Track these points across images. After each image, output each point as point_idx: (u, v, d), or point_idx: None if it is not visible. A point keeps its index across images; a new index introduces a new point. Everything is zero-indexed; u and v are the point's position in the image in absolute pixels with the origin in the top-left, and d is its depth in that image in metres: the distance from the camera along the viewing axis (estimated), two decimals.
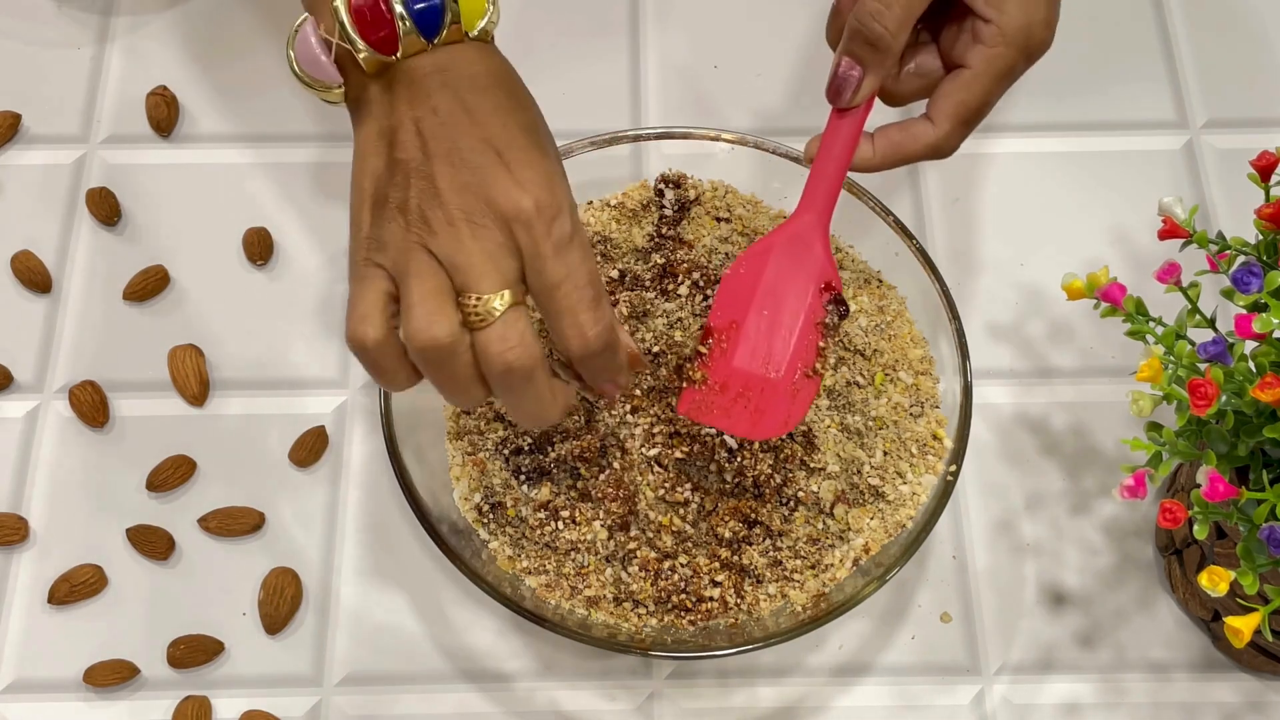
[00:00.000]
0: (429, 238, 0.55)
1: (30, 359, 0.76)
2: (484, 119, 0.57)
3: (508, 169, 0.56)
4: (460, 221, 0.55)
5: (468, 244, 0.55)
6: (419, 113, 0.57)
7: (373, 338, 0.55)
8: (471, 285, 0.54)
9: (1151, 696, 0.69)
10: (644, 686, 0.69)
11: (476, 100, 0.57)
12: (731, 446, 0.65)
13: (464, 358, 0.55)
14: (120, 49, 0.86)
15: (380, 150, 0.57)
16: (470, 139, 0.56)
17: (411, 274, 0.55)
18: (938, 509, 0.65)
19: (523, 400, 0.56)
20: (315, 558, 0.71)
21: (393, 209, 0.56)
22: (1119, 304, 0.60)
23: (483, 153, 0.56)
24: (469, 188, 0.55)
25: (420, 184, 0.56)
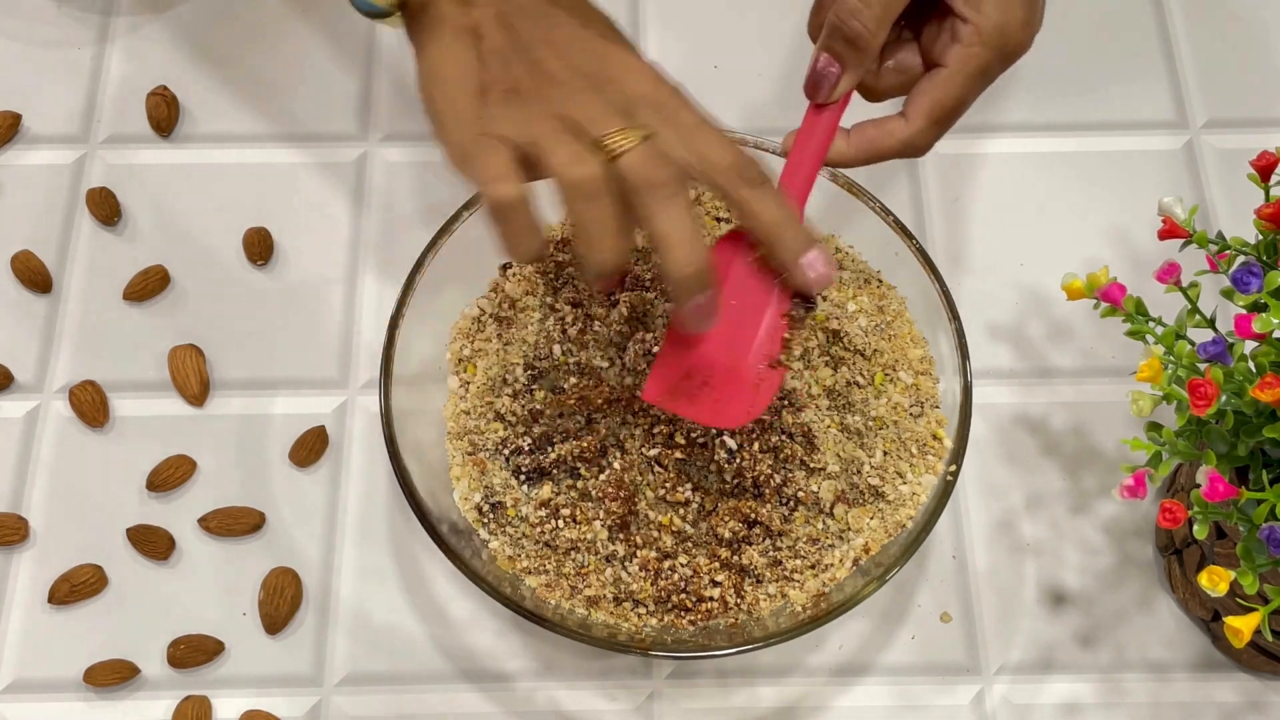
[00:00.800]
0: (556, 108, 0.57)
1: (30, 359, 0.76)
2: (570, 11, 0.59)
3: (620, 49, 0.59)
4: (584, 90, 0.57)
5: (596, 104, 0.57)
6: (502, 7, 0.59)
7: (513, 194, 0.56)
8: (604, 128, 0.56)
9: (1151, 696, 0.69)
10: (644, 686, 0.69)
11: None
12: (731, 447, 0.65)
13: (612, 194, 0.56)
14: (120, 49, 0.86)
15: (465, 44, 0.59)
16: (567, 29, 0.59)
17: (548, 134, 0.56)
18: (938, 509, 0.65)
19: (671, 216, 0.56)
20: (315, 558, 0.72)
21: (501, 92, 0.58)
22: (1119, 304, 0.60)
23: (585, 39, 0.59)
24: (583, 68, 0.58)
25: (528, 69, 0.58)
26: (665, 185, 0.56)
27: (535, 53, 0.58)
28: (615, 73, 0.58)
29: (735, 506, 0.65)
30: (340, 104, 0.84)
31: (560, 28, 0.59)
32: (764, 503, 0.65)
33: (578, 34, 0.59)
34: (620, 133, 0.56)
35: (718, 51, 0.86)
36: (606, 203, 0.56)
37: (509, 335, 0.71)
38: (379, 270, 0.79)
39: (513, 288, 0.72)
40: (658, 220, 0.56)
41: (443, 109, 0.59)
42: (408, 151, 0.83)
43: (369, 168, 0.82)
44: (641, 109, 0.57)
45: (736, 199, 0.57)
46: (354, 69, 0.85)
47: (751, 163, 0.58)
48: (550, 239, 0.72)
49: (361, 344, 0.77)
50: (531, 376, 0.69)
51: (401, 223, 0.80)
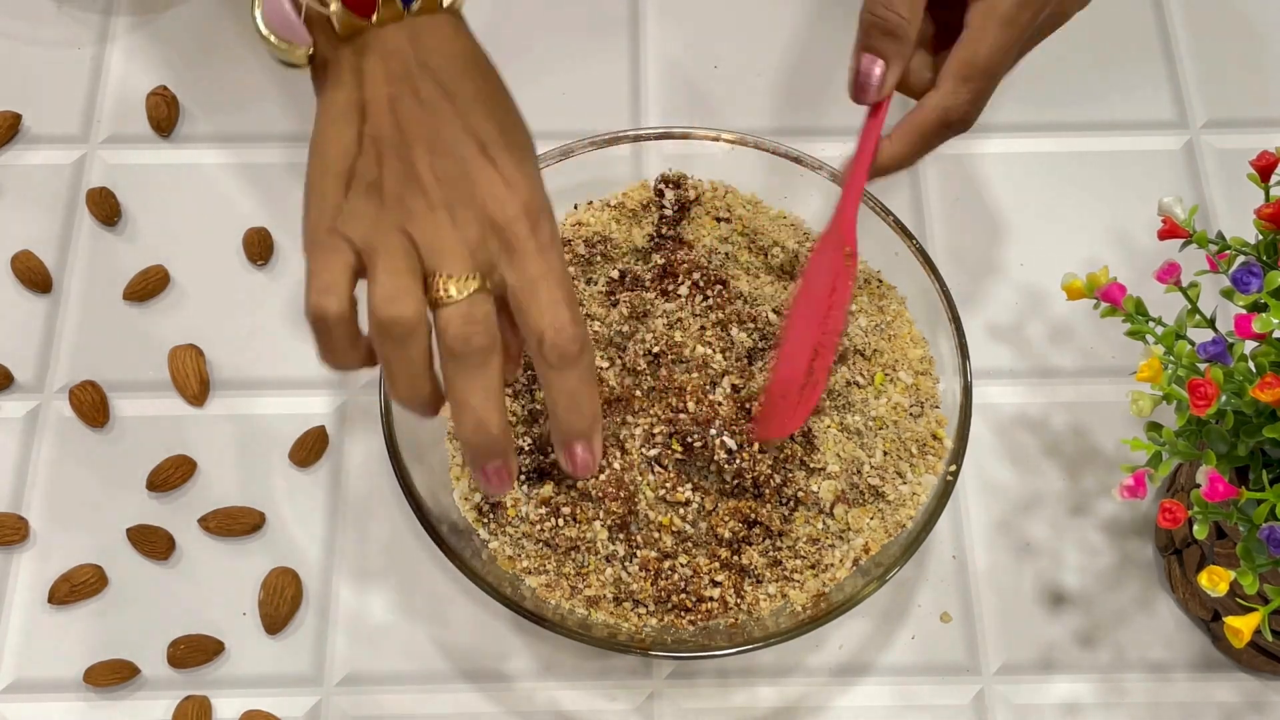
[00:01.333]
0: (406, 220, 0.54)
1: (30, 359, 0.76)
2: (465, 107, 0.56)
3: (493, 165, 0.55)
4: (440, 208, 0.54)
5: (445, 231, 0.54)
6: (396, 91, 0.56)
7: (335, 310, 0.54)
8: (444, 267, 0.54)
9: (1151, 696, 0.69)
10: (644, 686, 0.69)
11: (457, 85, 0.56)
12: (731, 447, 0.65)
13: (423, 340, 0.54)
14: (120, 49, 0.86)
15: (351, 122, 0.56)
16: (452, 128, 0.56)
17: (384, 251, 0.54)
18: (938, 509, 0.65)
19: (472, 387, 0.55)
20: (315, 558, 0.72)
21: (364, 186, 0.55)
22: (1119, 304, 0.60)
23: (465, 144, 0.55)
24: (451, 178, 0.55)
25: (397, 166, 0.55)
26: (475, 354, 0.54)
27: (410, 152, 0.55)
28: (479, 194, 0.55)
29: (735, 506, 0.65)
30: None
31: (445, 127, 0.56)
32: (764, 503, 0.65)
33: (458, 139, 0.56)
34: (453, 281, 0.54)
35: (718, 51, 0.86)
36: (415, 345, 0.54)
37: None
38: None
39: None
40: (455, 385, 0.55)
41: (311, 186, 0.57)
42: None
43: None
44: (490, 239, 0.55)
45: (537, 368, 0.56)
46: None
47: (565, 338, 0.55)
48: None
49: None
50: (531, 377, 0.69)
51: None
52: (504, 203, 0.55)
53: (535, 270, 0.55)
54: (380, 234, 0.54)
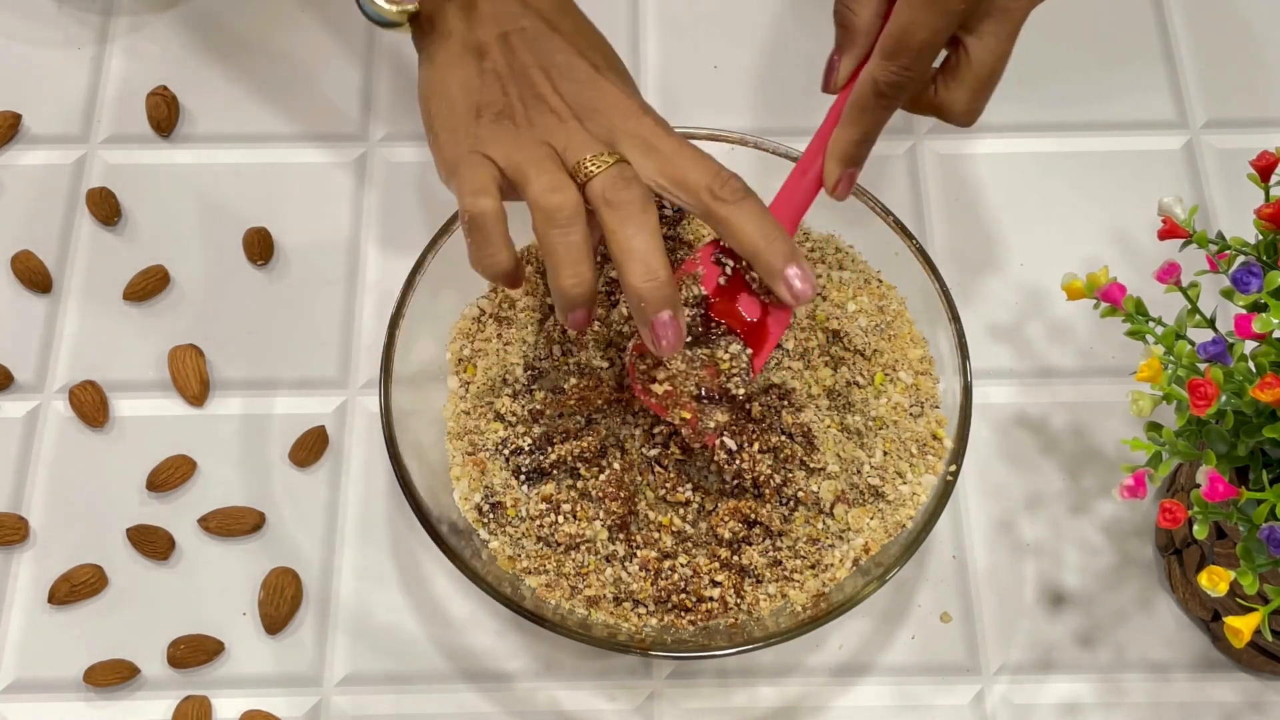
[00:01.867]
0: (544, 134, 0.60)
1: (30, 359, 0.76)
2: (571, 37, 0.63)
3: (608, 81, 0.62)
4: (571, 119, 0.60)
5: (580, 135, 0.60)
6: (507, 29, 0.62)
7: (491, 207, 0.59)
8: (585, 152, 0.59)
9: (1151, 696, 0.69)
10: (644, 686, 0.69)
11: (558, 20, 0.63)
12: (731, 448, 0.65)
13: (583, 226, 0.59)
14: (120, 49, 0.86)
15: (467, 63, 0.62)
16: (565, 55, 0.62)
17: (531, 160, 0.59)
18: (938, 509, 0.65)
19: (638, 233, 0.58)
20: (315, 558, 0.71)
21: (493, 113, 0.61)
22: (1119, 304, 0.60)
23: (580, 66, 0.62)
24: (573, 96, 0.61)
25: (523, 92, 0.61)
26: (630, 204, 0.58)
27: (531, 77, 0.61)
28: (603, 104, 0.61)
29: (735, 506, 0.65)
30: (341, 104, 0.84)
31: (558, 54, 0.62)
32: (764, 503, 0.65)
33: (573, 63, 0.62)
34: (595, 158, 0.59)
35: (718, 51, 0.86)
36: (577, 230, 0.59)
37: (509, 335, 0.71)
38: (379, 270, 0.79)
39: None
40: (619, 235, 0.58)
41: (439, 122, 0.62)
42: (408, 151, 0.83)
43: (369, 168, 0.82)
44: (623, 139, 0.60)
45: (718, 216, 0.59)
46: (354, 69, 0.85)
47: (731, 179, 0.60)
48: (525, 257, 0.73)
49: (361, 344, 0.77)
50: (531, 377, 0.69)
51: (401, 223, 0.80)
52: (625, 109, 0.61)
53: (671, 145, 0.60)
54: (522, 148, 0.60)
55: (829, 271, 0.72)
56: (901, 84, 0.61)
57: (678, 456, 0.66)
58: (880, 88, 0.62)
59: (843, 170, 0.64)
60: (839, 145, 0.64)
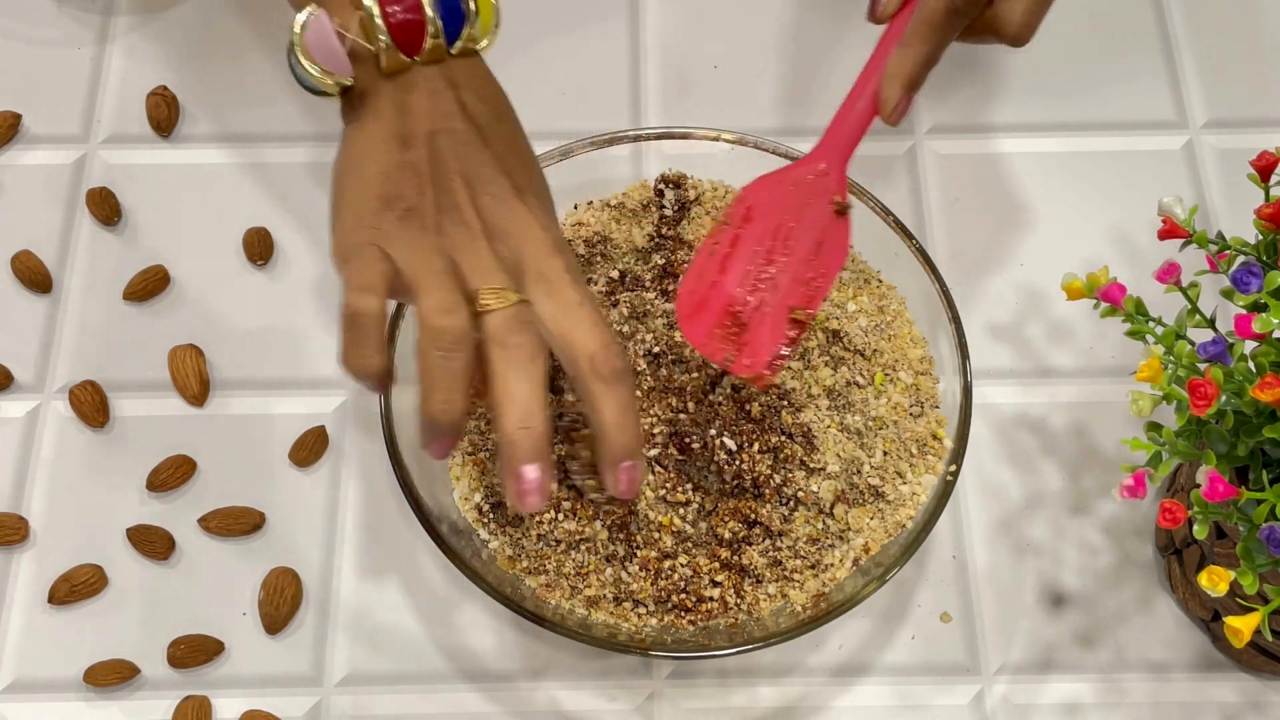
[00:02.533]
0: (449, 247, 0.57)
1: (30, 359, 0.76)
2: (501, 151, 0.60)
3: (527, 207, 0.59)
4: (479, 235, 0.57)
5: (484, 257, 0.57)
6: (437, 128, 0.59)
7: (374, 308, 0.56)
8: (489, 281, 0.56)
9: (1151, 696, 0.69)
10: (644, 686, 0.69)
11: (492, 130, 0.60)
12: (731, 448, 0.65)
13: (468, 354, 0.56)
14: (120, 49, 0.86)
15: (390, 150, 0.59)
16: (490, 169, 0.59)
17: (430, 271, 0.56)
18: (938, 509, 0.65)
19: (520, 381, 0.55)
20: (315, 558, 0.71)
21: (403, 209, 0.57)
22: (1119, 304, 0.60)
23: (502, 185, 0.59)
24: (489, 213, 0.58)
25: (438, 196, 0.58)
26: (521, 349, 0.56)
27: (451, 183, 0.58)
28: (516, 230, 0.58)
29: (735, 507, 0.65)
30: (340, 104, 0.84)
31: (484, 166, 0.59)
32: (764, 503, 0.65)
33: (497, 179, 0.59)
34: (495, 292, 0.56)
35: (718, 51, 0.86)
36: (459, 358, 0.56)
37: None
38: None
39: None
40: (504, 379, 0.56)
41: (346, 202, 0.59)
42: None
43: None
44: (529, 273, 0.57)
45: (587, 388, 0.57)
46: None
47: (614, 357, 0.57)
48: None
49: None
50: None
51: None
52: (539, 241, 0.58)
53: (573, 297, 0.57)
54: (424, 255, 0.57)
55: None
56: None
57: (677, 457, 0.66)
58: (958, 4, 0.61)
59: (904, 93, 0.63)
60: (903, 66, 0.62)
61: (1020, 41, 0.63)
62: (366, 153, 0.59)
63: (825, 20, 0.87)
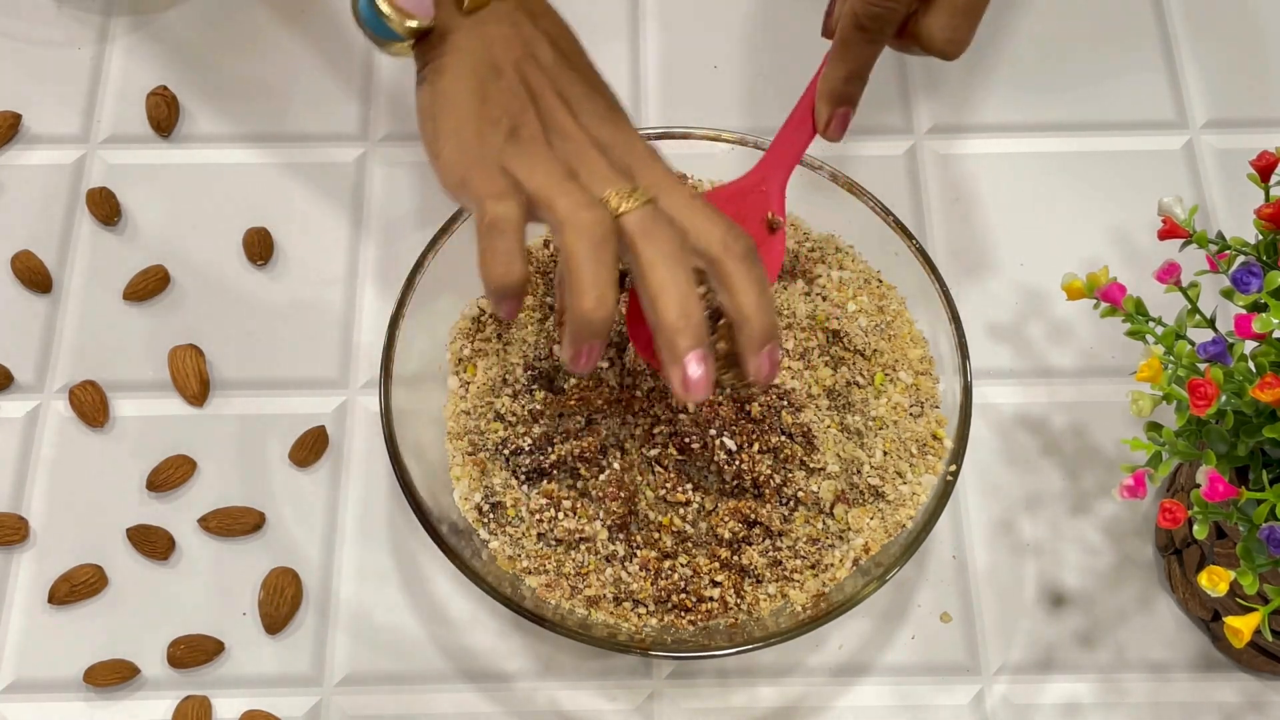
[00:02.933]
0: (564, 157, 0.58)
1: (30, 359, 0.76)
2: (585, 74, 0.61)
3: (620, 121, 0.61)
4: (588, 148, 0.58)
5: (599, 163, 0.58)
6: (523, 54, 0.60)
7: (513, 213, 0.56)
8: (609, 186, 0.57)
9: (1151, 696, 0.69)
10: (644, 686, 0.69)
11: (572, 56, 0.62)
12: (731, 448, 0.65)
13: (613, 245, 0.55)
14: (120, 49, 0.86)
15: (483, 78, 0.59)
16: (582, 87, 0.61)
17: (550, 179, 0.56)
18: (938, 509, 0.65)
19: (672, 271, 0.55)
20: (315, 558, 0.71)
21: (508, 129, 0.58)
22: (1119, 304, 0.60)
23: (597, 101, 0.60)
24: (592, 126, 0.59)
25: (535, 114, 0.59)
26: (669, 240, 0.56)
27: (547, 102, 0.59)
28: (620, 142, 0.59)
29: (735, 507, 0.65)
30: (340, 104, 0.84)
31: (574, 86, 0.60)
32: (764, 503, 0.65)
33: (589, 96, 0.60)
34: (626, 195, 0.56)
35: (718, 51, 0.86)
36: (609, 251, 0.55)
37: (509, 335, 0.71)
38: (379, 270, 0.79)
39: None
40: (656, 273, 0.55)
41: (446, 134, 0.59)
42: (408, 152, 0.83)
43: (369, 168, 0.82)
44: (641, 179, 0.58)
45: (724, 271, 0.57)
46: (354, 69, 0.85)
47: (741, 236, 0.57)
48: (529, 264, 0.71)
49: (361, 344, 0.77)
50: (531, 377, 0.69)
51: (402, 223, 0.80)
52: (643, 149, 0.59)
53: (687, 194, 0.58)
54: (544, 166, 0.57)
55: (829, 271, 0.72)
56: (881, 15, 0.61)
57: (677, 457, 0.66)
58: (861, 20, 0.61)
59: (833, 110, 0.64)
60: (827, 83, 0.64)
61: (949, 55, 0.62)
62: (458, 84, 0.60)
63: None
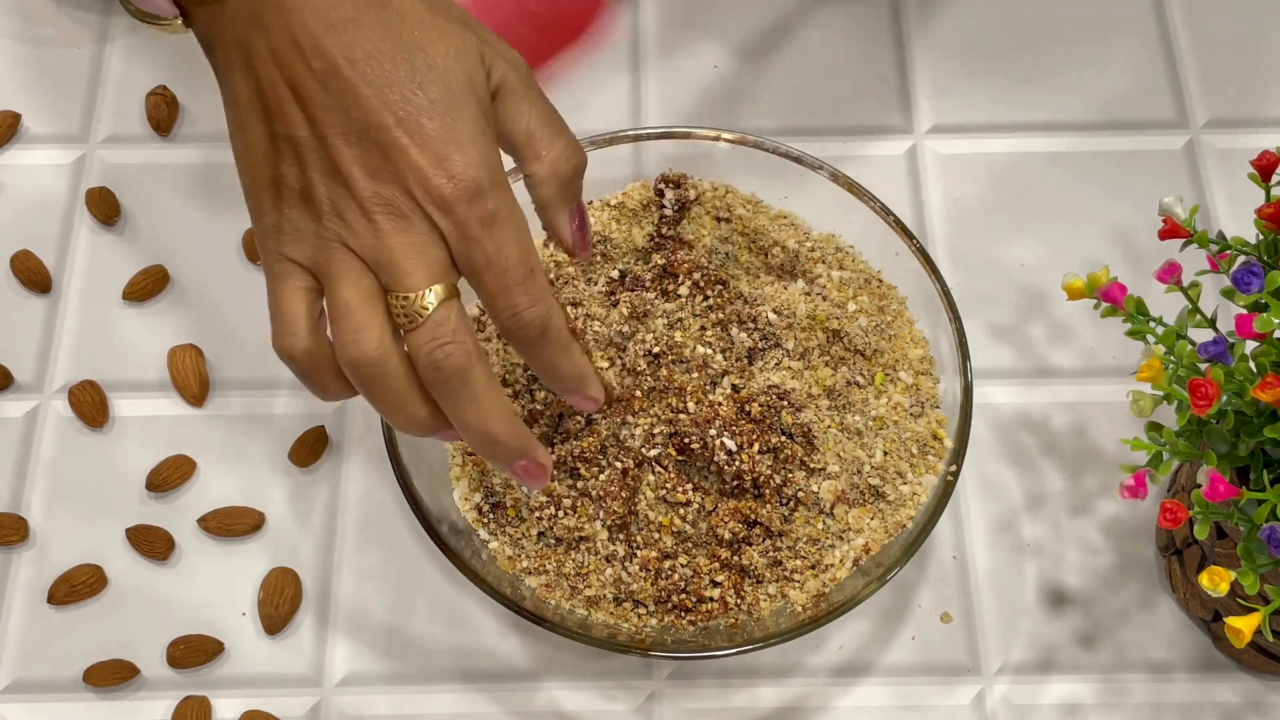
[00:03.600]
0: (346, 234, 0.50)
1: (30, 359, 0.76)
2: (366, 70, 0.49)
3: (414, 142, 0.49)
4: (378, 213, 0.50)
5: (389, 239, 0.50)
6: (289, 73, 0.50)
7: (300, 348, 0.52)
8: (398, 284, 0.50)
9: (1151, 696, 0.69)
10: (644, 686, 0.69)
11: (351, 41, 0.49)
12: (731, 448, 0.65)
13: (396, 370, 0.51)
14: (120, 49, 0.86)
15: (257, 119, 0.51)
16: (362, 106, 0.49)
17: (334, 276, 0.50)
18: (938, 509, 0.65)
19: (462, 407, 0.51)
20: (315, 558, 0.71)
21: (296, 195, 0.51)
22: (1119, 304, 0.60)
23: (380, 122, 0.49)
24: (378, 171, 0.50)
25: (321, 167, 0.50)
26: (453, 376, 0.51)
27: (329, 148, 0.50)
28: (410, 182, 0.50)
29: (735, 507, 0.65)
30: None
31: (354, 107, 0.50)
32: (764, 503, 0.65)
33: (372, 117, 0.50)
34: (408, 300, 0.50)
35: (718, 51, 0.86)
36: (388, 380, 0.51)
37: None
38: None
39: None
40: (447, 408, 0.52)
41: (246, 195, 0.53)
42: None
43: None
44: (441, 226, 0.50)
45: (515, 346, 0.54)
46: None
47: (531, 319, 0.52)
48: None
49: None
50: (532, 376, 0.69)
51: None
52: (435, 187, 0.50)
53: (478, 257, 0.51)
54: (324, 254, 0.51)
55: (829, 271, 0.73)
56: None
57: (677, 457, 0.66)
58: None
59: None
60: None
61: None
62: (239, 132, 0.52)
63: (825, 21, 0.87)
